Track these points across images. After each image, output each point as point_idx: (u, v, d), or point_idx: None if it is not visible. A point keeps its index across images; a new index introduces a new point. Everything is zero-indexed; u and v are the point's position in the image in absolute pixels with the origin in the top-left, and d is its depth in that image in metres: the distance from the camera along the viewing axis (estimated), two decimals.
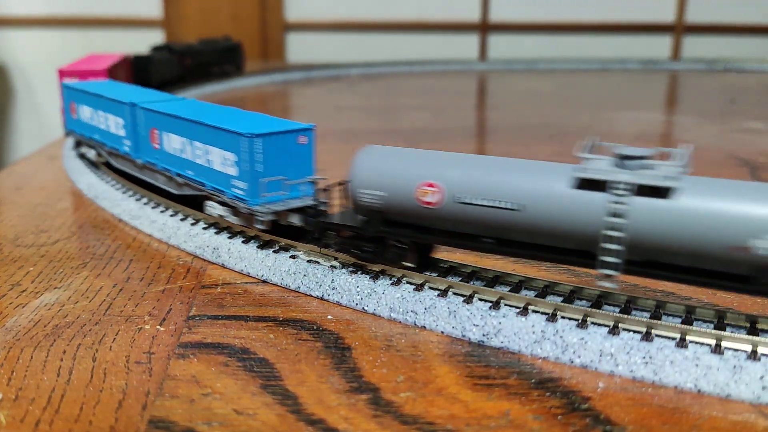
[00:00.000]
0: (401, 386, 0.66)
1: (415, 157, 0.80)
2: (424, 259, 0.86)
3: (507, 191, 0.72)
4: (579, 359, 0.70)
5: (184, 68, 3.00)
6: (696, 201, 0.65)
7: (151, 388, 0.66)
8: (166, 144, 1.11)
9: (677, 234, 0.65)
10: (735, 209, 0.63)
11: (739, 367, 0.64)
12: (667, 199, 0.66)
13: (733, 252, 0.63)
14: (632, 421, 0.60)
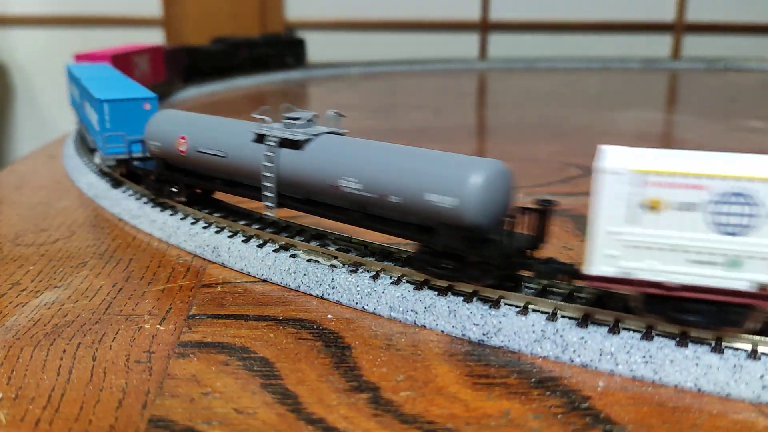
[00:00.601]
0: (401, 385, 0.66)
1: (182, 118, 1.08)
2: (199, 197, 1.12)
3: (219, 144, 0.98)
4: (579, 358, 0.70)
5: (237, 59, 3.30)
6: (315, 152, 0.88)
7: (151, 387, 0.66)
8: (84, 108, 1.44)
9: (301, 174, 0.89)
10: (337, 158, 0.85)
11: (739, 366, 0.64)
12: (299, 150, 0.89)
13: (331, 189, 0.85)
14: (632, 420, 0.60)
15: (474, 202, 0.73)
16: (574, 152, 1.73)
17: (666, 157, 0.68)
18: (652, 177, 0.65)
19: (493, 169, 0.75)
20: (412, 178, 0.77)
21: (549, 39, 4.52)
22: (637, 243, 0.67)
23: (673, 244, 0.66)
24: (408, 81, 3.48)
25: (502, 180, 0.75)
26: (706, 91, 3.26)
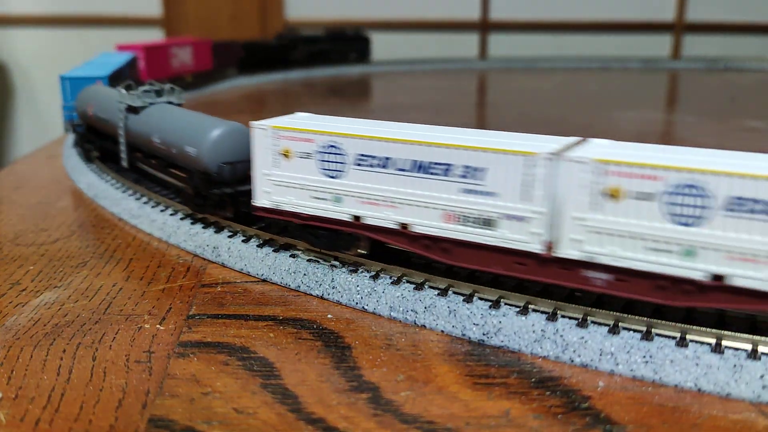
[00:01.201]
0: (401, 385, 0.66)
1: (94, 91, 1.44)
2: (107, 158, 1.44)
3: (105, 110, 1.31)
4: (579, 358, 0.69)
5: (296, 54, 3.60)
6: (146, 116, 1.17)
7: (150, 387, 0.66)
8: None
9: (136, 133, 1.19)
10: (155, 120, 1.14)
11: (740, 366, 0.64)
12: (137, 114, 1.19)
13: (151, 144, 1.14)
14: (632, 420, 0.60)
15: (207, 153, 0.98)
16: None
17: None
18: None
19: (228, 129, 0.99)
20: (182, 135, 1.04)
21: (549, 39, 4.52)
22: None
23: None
24: (407, 81, 3.48)
25: (234, 137, 0.98)
26: (706, 91, 3.26)
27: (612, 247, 0.69)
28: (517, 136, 0.79)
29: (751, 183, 0.62)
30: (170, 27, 4.28)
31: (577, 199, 0.70)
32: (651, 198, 0.66)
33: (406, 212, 0.80)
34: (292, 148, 0.86)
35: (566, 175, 0.69)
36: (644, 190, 0.66)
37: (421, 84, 3.38)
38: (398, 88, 3.26)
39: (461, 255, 0.78)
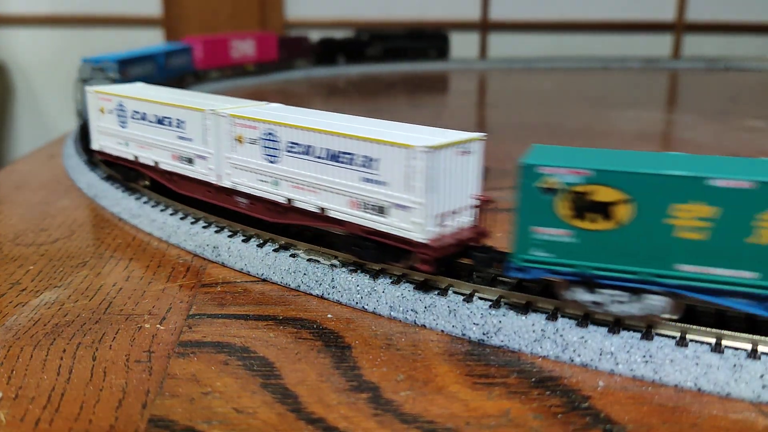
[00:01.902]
0: (401, 385, 0.66)
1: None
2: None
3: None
4: (579, 358, 0.69)
5: (373, 50, 3.80)
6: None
7: (151, 386, 0.66)
8: None
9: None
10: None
11: (739, 366, 0.64)
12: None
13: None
14: (632, 420, 0.60)
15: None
16: None
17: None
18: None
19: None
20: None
21: (549, 38, 4.52)
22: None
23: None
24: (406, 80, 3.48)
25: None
26: (706, 90, 3.26)
27: (243, 178, 0.96)
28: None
29: (298, 132, 0.87)
30: (170, 27, 4.28)
31: (225, 143, 0.97)
32: (255, 142, 0.93)
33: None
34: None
35: (218, 126, 0.97)
36: (251, 136, 0.93)
37: (421, 84, 3.37)
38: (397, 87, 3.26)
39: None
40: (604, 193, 0.67)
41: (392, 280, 0.83)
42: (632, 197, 0.66)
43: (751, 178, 0.63)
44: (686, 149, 1.79)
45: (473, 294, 0.79)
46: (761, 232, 0.63)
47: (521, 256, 0.72)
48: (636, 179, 0.66)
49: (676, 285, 0.67)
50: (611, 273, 0.69)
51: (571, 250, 0.70)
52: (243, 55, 3.22)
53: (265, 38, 3.37)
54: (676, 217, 0.65)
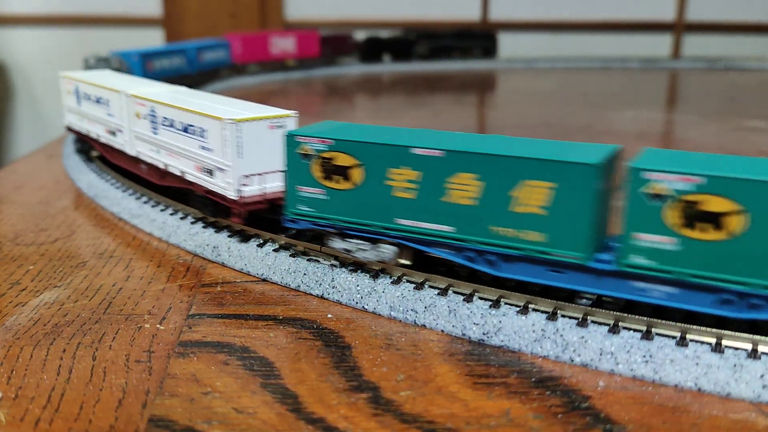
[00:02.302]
0: (401, 385, 0.66)
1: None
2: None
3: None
4: (579, 358, 0.69)
5: (419, 48, 3.93)
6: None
7: (150, 386, 0.66)
8: None
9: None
10: None
11: (740, 366, 0.64)
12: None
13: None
14: (632, 420, 0.60)
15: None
16: None
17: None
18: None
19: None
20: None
21: (549, 38, 4.52)
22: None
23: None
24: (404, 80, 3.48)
25: None
26: (706, 90, 3.26)
27: (142, 148, 1.16)
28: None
29: (167, 109, 1.05)
30: (170, 26, 4.28)
31: (132, 120, 1.18)
32: (146, 117, 1.12)
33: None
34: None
35: (127, 105, 1.18)
36: (143, 112, 1.12)
37: (420, 83, 3.37)
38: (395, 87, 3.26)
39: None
40: (343, 158, 0.81)
41: (392, 280, 0.83)
42: (362, 162, 0.80)
43: (443, 147, 0.75)
44: (686, 149, 1.79)
45: (473, 294, 0.79)
46: (451, 192, 0.76)
47: (291, 210, 0.87)
48: (363, 148, 0.80)
49: (399, 236, 0.81)
50: (354, 225, 0.83)
51: (326, 206, 0.84)
52: (282, 51, 3.50)
53: (306, 36, 3.62)
54: (392, 179, 0.79)
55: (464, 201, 0.75)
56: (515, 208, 0.73)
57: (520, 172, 0.71)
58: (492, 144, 0.76)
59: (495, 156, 0.72)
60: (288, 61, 3.55)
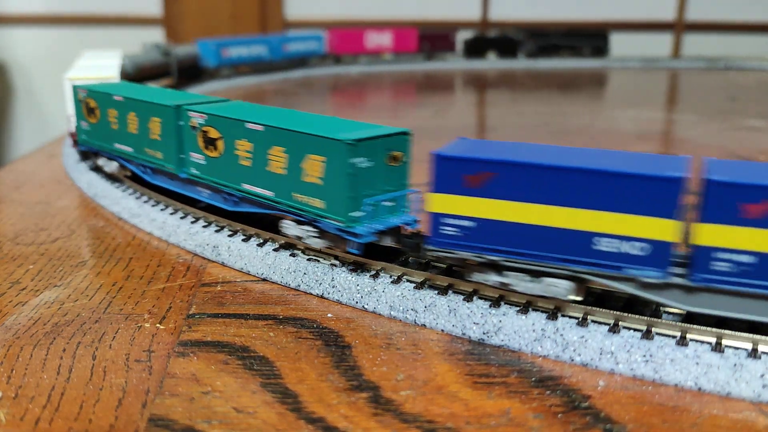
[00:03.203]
0: (401, 384, 0.66)
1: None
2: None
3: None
4: (579, 357, 0.69)
5: (525, 46, 4.08)
6: None
7: (150, 386, 0.66)
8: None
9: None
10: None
11: (740, 365, 0.64)
12: None
13: None
14: (632, 420, 0.60)
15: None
16: None
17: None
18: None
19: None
20: None
21: None
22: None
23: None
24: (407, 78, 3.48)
25: None
26: (706, 90, 3.25)
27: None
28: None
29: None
30: (170, 26, 4.28)
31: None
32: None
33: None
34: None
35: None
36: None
37: (422, 81, 3.38)
38: (398, 85, 3.26)
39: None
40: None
41: (392, 280, 0.83)
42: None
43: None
44: (686, 148, 1.79)
45: (473, 293, 0.79)
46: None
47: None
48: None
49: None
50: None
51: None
52: (378, 45, 3.88)
53: (404, 32, 3.95)
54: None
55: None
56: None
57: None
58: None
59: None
60: (384, 55, 3.93)
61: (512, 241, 0.73)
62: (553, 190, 0.69)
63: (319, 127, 0.85)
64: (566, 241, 0.71)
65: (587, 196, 0.69)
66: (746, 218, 0.64)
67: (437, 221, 0.76)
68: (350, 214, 0.81)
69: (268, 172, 0.90)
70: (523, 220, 0.72)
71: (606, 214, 0.68)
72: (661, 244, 0.67)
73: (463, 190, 0.73)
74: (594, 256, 0.70)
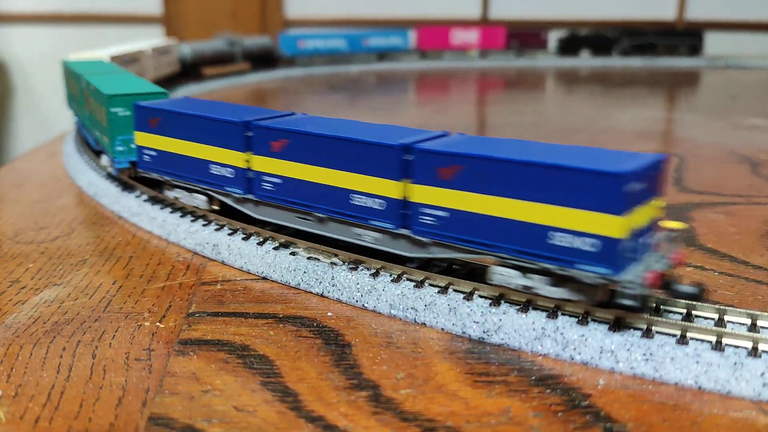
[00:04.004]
0: (401, 383, 0.66)
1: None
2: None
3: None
4: (579, 356, 0.69)
5: (619, 45, 4.20)
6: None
7: (150, 385, 0.66)
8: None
9: None
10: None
11: (740, 364, 0.64)
12: None
13: None
14: (632, 418, 0.60)
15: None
16: None
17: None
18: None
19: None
20: None
21: None
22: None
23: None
24: (408, 78, 3.48)
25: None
26: (707, 89, 3.25)
27: None
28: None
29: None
30: (170, 25, 4.28)
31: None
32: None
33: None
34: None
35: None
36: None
37: (422, 80, 3.37)
38: (398, 84, 3.26)
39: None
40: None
41: (392, 278, 0.83)
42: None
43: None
44: (686, 147, 1.79)
45: (473, 292, 0.78)
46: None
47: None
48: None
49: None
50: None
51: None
52: (464, 42, 4.12)
53: (491, 30, 4.17)
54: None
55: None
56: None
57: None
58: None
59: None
60: (469, 51, 4.17)
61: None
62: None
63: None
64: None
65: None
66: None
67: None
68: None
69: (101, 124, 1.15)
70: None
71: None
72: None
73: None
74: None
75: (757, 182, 1.40)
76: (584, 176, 0.65)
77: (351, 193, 0.84)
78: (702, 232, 1.09)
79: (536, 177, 0.68)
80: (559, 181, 0.67)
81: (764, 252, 0.99)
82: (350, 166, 0.83)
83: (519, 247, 0.71)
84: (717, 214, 1.18)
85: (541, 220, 0.69)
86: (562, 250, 0.68)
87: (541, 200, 0.69)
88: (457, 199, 0.75)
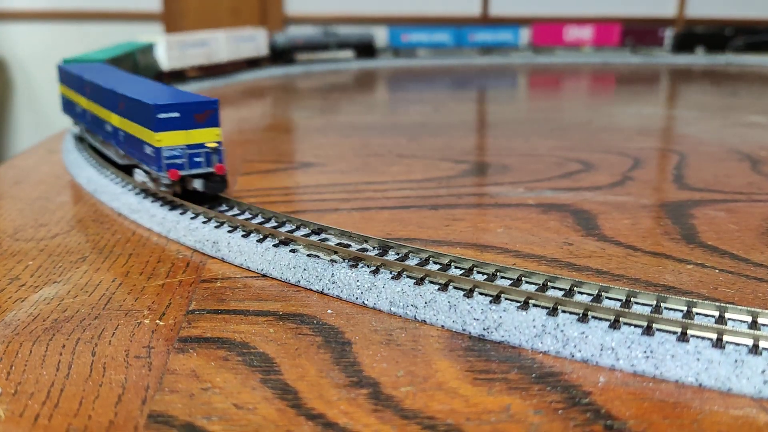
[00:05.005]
0: (401, 381, 0.66)
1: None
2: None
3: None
4: (580, 353, 0.69)
5: (734, 42, 4.25)
6: None
7: (150, 382, 0.66)
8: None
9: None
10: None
11: (741, 362, 0.64)
12: None
13: None
14: (633, 416, 0.60)
15: None
16: (574, 148, 1.73)
17: None
18: None
19: None
20: None
21: None
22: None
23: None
24: (408, 76, 3.48)
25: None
26: (707, 86, 3.25)
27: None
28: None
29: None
30: (170, 22, 4.27)
31: None
32: None
33: None
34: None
35: None
36: None
37: (423, 79, 3.37)
38: (398, 83, 3.25)
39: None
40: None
41: (392, 276, 0.83)
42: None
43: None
44: (686, 145, 1.78)
45: (473, 289, 0.78)
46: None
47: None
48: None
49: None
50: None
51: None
52: (577, 39, 4.25)
53: (606, 26, 4.25)
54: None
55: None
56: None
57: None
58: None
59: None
60: (583, 48, 4.26)
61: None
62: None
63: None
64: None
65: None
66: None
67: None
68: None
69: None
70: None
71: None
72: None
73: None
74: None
75: (760, 179, 1.40)
76: (142, 106, 1.06)
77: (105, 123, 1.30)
78: (702, 229, 1.08)
79: (132, 106, 1.11)
80: (138, 108, 1.08)
81: (765, 249, 0.99)
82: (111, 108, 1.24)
83: (137, 153, 1.13)
84: (717, 212, 1.17)
85: (139, 135, 1.10)
86: (147, 156, 1.08)
87: (138, 122, 1.09)
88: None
